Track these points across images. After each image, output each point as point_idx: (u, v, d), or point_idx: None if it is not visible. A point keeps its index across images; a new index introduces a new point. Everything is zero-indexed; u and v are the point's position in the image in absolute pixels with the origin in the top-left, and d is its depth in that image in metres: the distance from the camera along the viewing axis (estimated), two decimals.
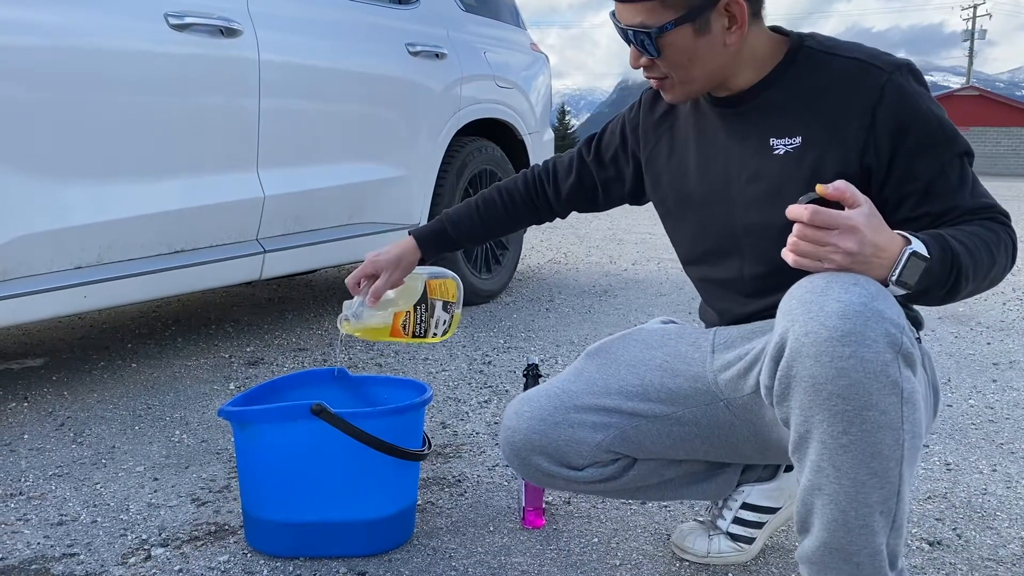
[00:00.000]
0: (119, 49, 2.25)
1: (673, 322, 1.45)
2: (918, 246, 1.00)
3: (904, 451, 0.96)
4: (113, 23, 2.25)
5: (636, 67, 1.24)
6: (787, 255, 1.01)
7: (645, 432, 1.29)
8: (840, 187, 0.98)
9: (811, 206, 0.97)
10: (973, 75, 44.93)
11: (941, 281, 1.03)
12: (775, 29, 1.25)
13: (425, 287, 1.54)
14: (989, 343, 3.16)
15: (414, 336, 1.54)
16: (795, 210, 0.98)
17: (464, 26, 3.75)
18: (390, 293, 1.51)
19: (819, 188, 0.99)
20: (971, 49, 43.25)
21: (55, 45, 2.11)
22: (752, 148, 1.23)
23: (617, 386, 1.30)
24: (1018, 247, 1.18)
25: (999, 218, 1.14)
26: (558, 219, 1.64)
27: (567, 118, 61.78)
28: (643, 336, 1.37)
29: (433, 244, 1.55)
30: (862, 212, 0.98)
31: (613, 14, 1.20)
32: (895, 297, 1.02)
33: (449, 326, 1.57)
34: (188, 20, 2.39)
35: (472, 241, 1.60)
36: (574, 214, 1.65)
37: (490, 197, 1.58)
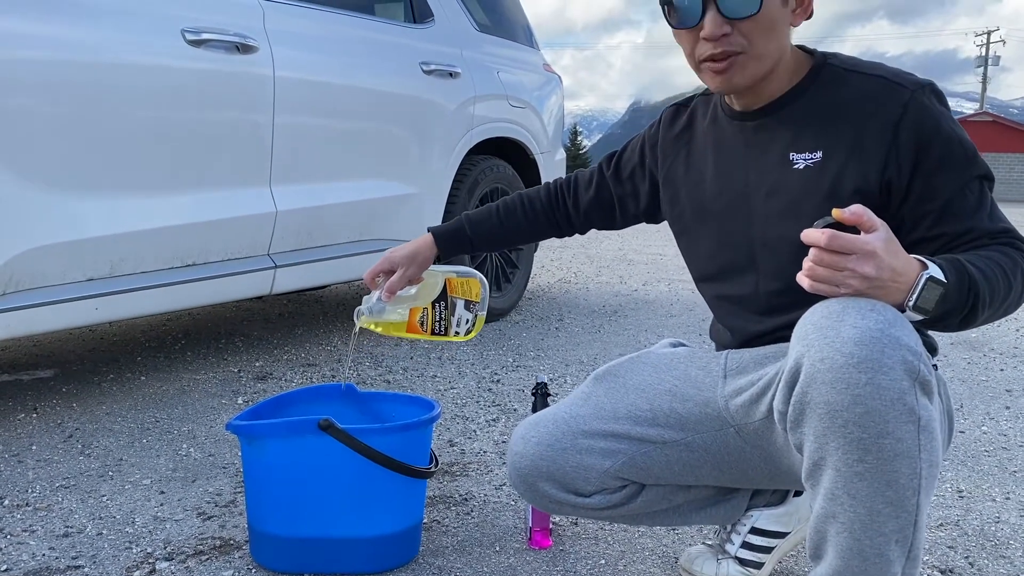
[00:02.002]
0: (136, 64, 2.27)
1: (683, 344, 1.44)
2: (935, 271, 0.99)
3: (921, 480, 0.94)
4: (130, 38, 2.27)
5: (714, 37, 1.14)
6: (802, 280, 1.00)
7: (654, 458, 1.28)
8: (857, 211, 0.97)
9: (828, 231, 0.96)
10: (987, 101, 44.89)
11: (958, 307, 1.02)
12: (798, 47, 1.25)
13: (445, 285, 1.53)
14: (1002, 369, 3.13)
15: (433, 333, 1.53)
16: (812, 235, 0.97)
17: (478, 46, 3.77)
18: (410, 289, 1.51)
19: (835, 212, 0.97)
20: (984, 75, 43.24)
21: (72, 59, 2.13)
22: (771, 162, 1.23)
23: (626, 411, 1.29)
24: None
25: (1017, 243, 1.12)
26: (577, 235, 1.64)
27: (579, 138, 61.90)
28: (652, 359, 1.36)
29: (450, 242, 1.54)
30: (879, 236, 0.97)
31: None
32: (910, 319, 1.02)
33: (473, 326, 1.55)
34: (205, 36, 2.41)
35: (489, 244, 1.59)
36: (589, 233, 1.64)
37: (512, 203, 1.59)
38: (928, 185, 1.13)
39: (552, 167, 4.27)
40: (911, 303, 0.99)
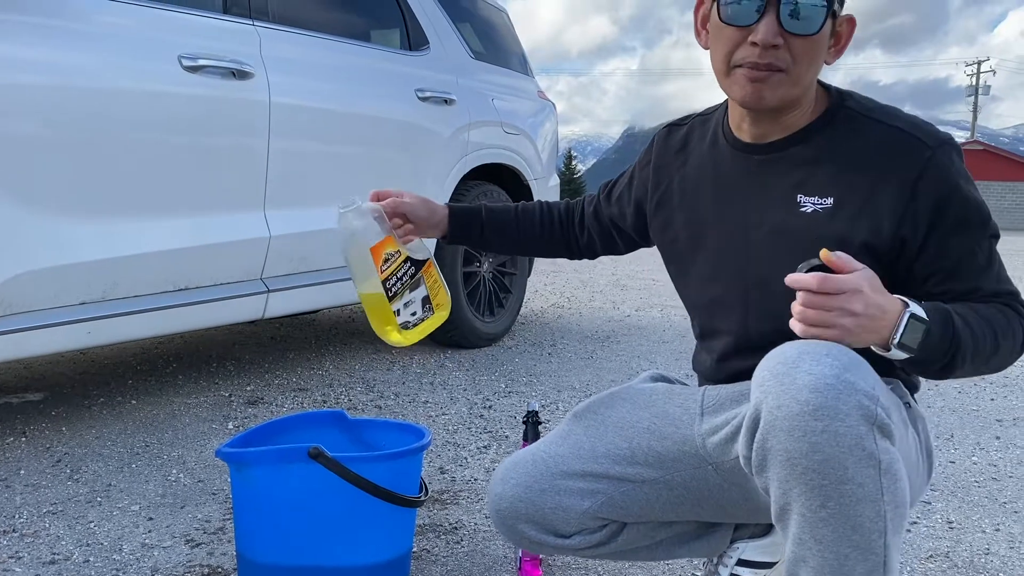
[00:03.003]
0: (132, 89, 2.29)
1: (664, 378, 1.44)
2: (916, 309, 1.01)
3: (887, 522, 0.94)
4: (127, 64, 2.29)
5: (766, 44, 1.10)
6: (795, 326, 1.01)
7: (633, 497, 1.27)
8: (844, 257, 0.99)
9: (819, 274, 0.97)
10: (978, 130, 45.26)
11: (939, 353, 1.03)
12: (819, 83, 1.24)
13: (427, 263, 1.45)
14: (993, 399, 3.14)
15: (384, 285, 1.37)
16: (802, 279, 0.98)
17: (473, 73, 3.80)
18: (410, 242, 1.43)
19: (824, 255, 0.99)
20: (975, 104, 43.64)
21: (69, 84, 2.14)
22: (775, 200, 1.21)
23: (604, 449, 1.28)
24: None
25: (1017, 307, 1.14)
26: (584, 258, 1.63)
27: (574, 163, 62.31)
28: (631, 395, 1.35)
29: (463, 218, 1.53)
30: (863, 275, 0.98)
31: None
32: (897, 360, 1.03)
33: (414, 326, 1.43)
34: (201, 62, 2.43)
35: (499, 237, 1.57)
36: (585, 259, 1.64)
37: (531, 206, 1.60)
38: (942, 245, 1.13)
39: (546, 193, 4.29)
40: (895, 340, 1.00)
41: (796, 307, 1.00)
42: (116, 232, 2.28)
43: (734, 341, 1.30)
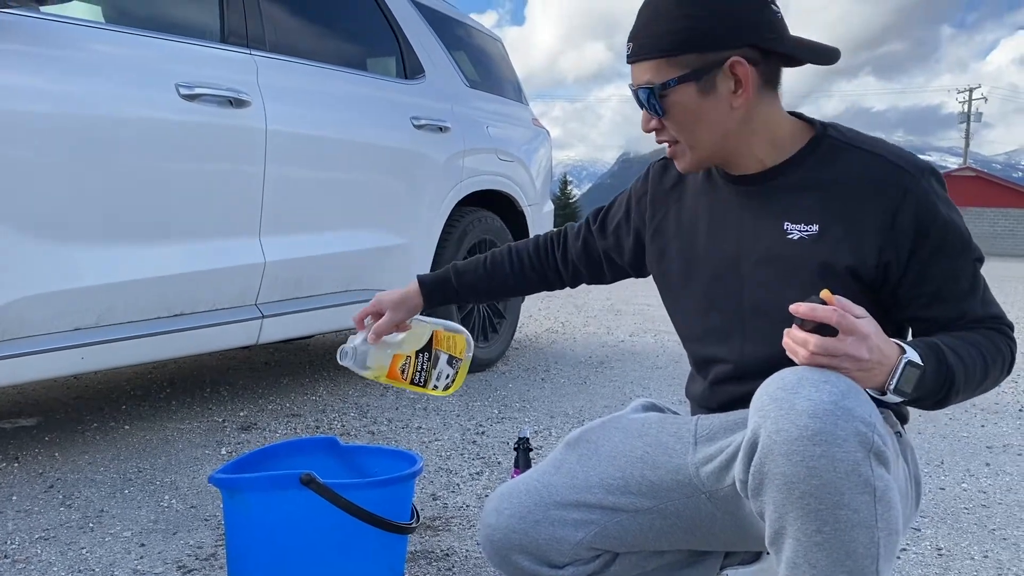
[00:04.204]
0: (129, 117, 2.31)
1: (655, 406, 1.46)
2: (912, 355, 1.04)
3: (879, 548, 0.97)
4: (124, 92, 2.31)
5: (647, 130, 1.26)
6: (798, 358, 1.03)
7: (626, 527, 1.28)
8: (843, 301, 1.02)
9: (837, 309, 0.99)
10: (970, 156, 45.61)
11: (934, 391, 1.08)
12: (799, 116, 1.28)
13: (432, 337, 1.54)
14: (983, 425, 3.16)
15: (412, 383, 1.53)
16: (820, 312, 1.00)
17: (468, 101, 3.85)
18: (398, 335, 1.52)
19: (825, 294, 1.02)
20: (967, 131, 44.00)
21: (66, 112, 2.17)
22: (765, 228, 1.24)
23: (597, 479, 1.29)
24: (1016, 357, 1.22)
25: (1004, 330, 1.18)
26: (567, 288, 1.65)
27: (569, 188, 62.45)
28: (624, 424, 1.36)
29: (436, 291, 1.56)
30: (870, 321, 1.02)
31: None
32: (890, 401, 1.05)
33: (453, 381, 1.54)
34: (198, 91, 2.46)
35: (475, 295, 1.60)
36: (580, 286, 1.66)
37: (499, 255, 1.61)
38: (924, 270, 1.17)
39: (540, 219, 4.32)
40: (891, 386, 1.03)
41: (807, 352, 1.01)
42: (112, 258, 2.29)
43: (730, 368, 1.32)
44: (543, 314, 6.22)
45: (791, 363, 1.05)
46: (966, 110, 44.16)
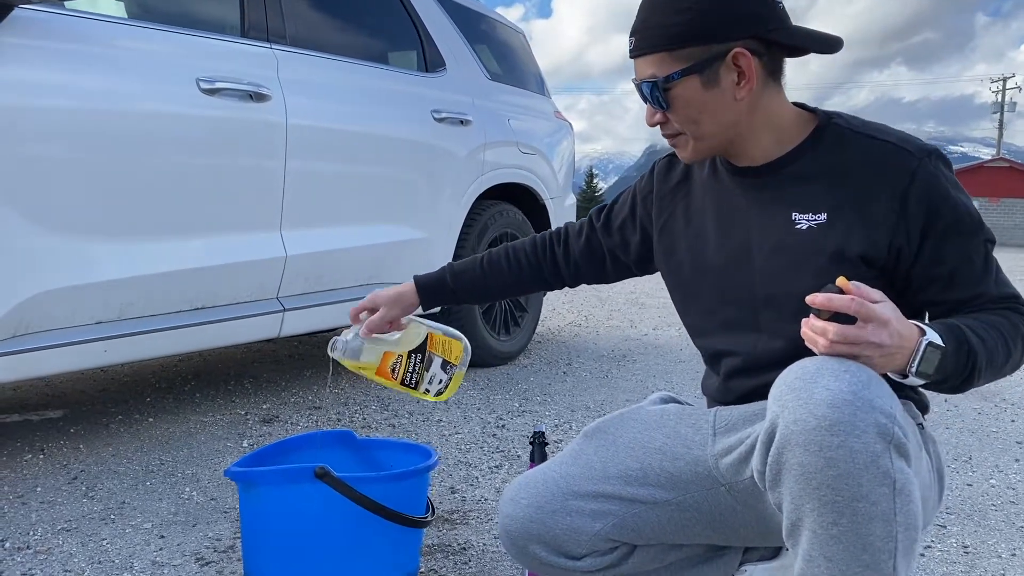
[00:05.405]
0: (150, 111, 2.33)
1: (674, 399, 1.44)
2: (933, 336, 1.02)
3: (898, 543, 0.94)
4: (145, 87, 2.33)
5: (652, 124, 1.25)
6: (817, 347, 1.02)
7: (645, 519, 1.27)
8: (860, 287, 1.00)
9: (856, 299, 0.98)
10: (1003, 147, 44.82)
11: (956, 373, 1.06)
12: (802, 106, 1.27)
13: (427, 339, 1.50)
14: (1013, 420, 3.10)
15: (403, 383, 1.49)
16: (837, 301, 0.98)
17: (489, 94, 3.83)
18: (393, 334, 1.50)
19: (841, 281, 1.00)
20: (1001, 121, 43.24)
21: (87, 107, 2.18)
22: (774, 219, 1.23)
23: (616, 470, 1.28)
24: None
25: (1021, 309, 1.16)
26: (567, 288, 1.61)
27: (595, 181, 62.32)
28: (642, 416, 1.35)
29: (431, 291, 1.54)
30: (888, 305, 1.00)
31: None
32: (913, 385, 1.04)
33: (446, 387, 1.51)
34: (219, 85, 2.47)
35: (473, 296, 1.58)
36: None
37: (496, 255, 1.57)
38: (937, 252, 1.15)
39: (562, 212, 4.30)
40: (913, 369, 1.01)
41: (826, 342, 0.99)
42: (133, 252, 2.31)
43: (743, 361, 1.30)
44: (566, 308, 6.20)
45: (805, 354, 1.03)
46: (1000, 100, 43.41)
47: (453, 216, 3.51)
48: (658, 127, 1.26)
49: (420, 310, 1.54)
